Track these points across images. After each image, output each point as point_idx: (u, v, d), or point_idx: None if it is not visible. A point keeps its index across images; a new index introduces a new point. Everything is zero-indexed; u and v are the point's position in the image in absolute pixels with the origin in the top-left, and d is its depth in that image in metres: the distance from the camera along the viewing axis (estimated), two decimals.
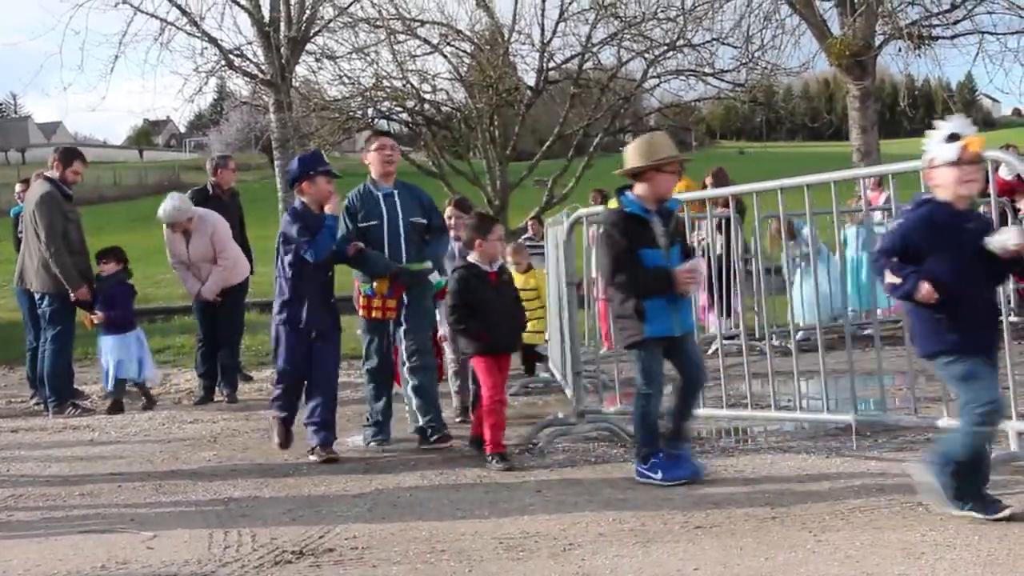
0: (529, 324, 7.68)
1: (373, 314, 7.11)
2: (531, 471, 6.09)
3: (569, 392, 7.47)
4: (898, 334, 7.60)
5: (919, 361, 5.34)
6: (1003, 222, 9.20)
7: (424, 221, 7.24)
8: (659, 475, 5.61)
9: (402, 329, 7.16)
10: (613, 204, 5.85)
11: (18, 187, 10.66)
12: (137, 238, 25.07)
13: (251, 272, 10.80)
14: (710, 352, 9.48)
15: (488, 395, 6.41)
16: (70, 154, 9.44)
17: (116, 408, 9.01)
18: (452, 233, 7.82)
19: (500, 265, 6.68)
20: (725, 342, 8.83)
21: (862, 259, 11.51)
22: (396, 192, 7.19)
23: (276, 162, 20.86)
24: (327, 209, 6.86)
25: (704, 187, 11.27)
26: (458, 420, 7.82)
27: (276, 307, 6.91)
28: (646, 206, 5.70)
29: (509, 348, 6.65)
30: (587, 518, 4.97)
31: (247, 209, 10.93)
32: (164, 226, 9.49)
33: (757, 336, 9.55)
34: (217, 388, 9.53)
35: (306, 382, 7.00)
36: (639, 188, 5.74)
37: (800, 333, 10.41)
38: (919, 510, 4.75)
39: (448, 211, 8.38)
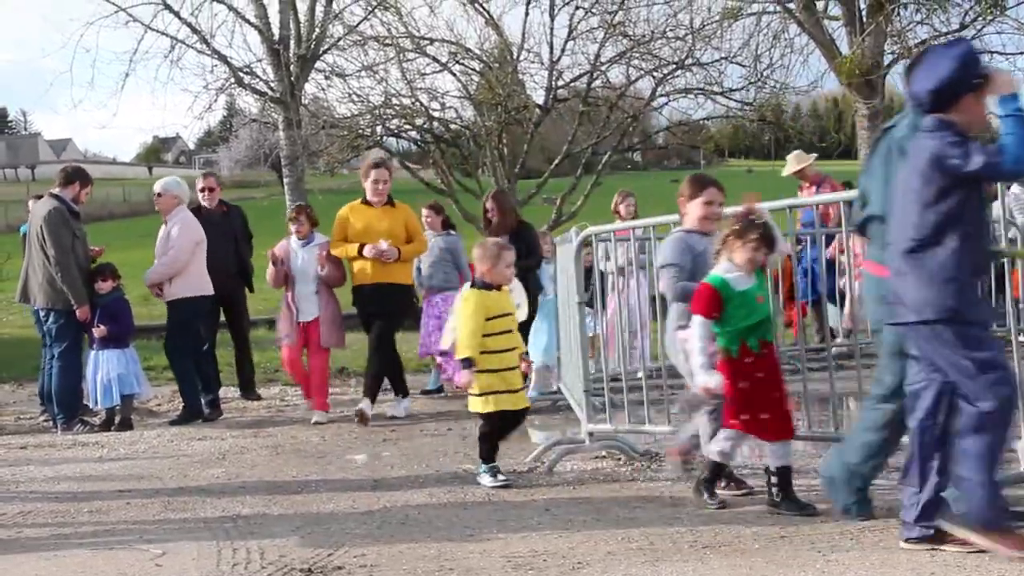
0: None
1: None
2: (540, 489, 6.08)
3: (578, 410, 7.46)
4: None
5: None
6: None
7: None
8: None
9: None
10: None
11: (30, 203, 10.66)
12: (146, 254, 25.09)
13: (250, 290, 10.74)
14: None
15: None
16: (87, 177, 9.47)
17: (125, 425, 9.02)
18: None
19: None
20: None
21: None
22: None
23: (285, 180, 20.94)
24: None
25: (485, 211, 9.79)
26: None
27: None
28: None
29: None
30: (596, 536, 4.96)
31: (256, 227, 10.91)
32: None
33: None
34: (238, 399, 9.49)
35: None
36: None
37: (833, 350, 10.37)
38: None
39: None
